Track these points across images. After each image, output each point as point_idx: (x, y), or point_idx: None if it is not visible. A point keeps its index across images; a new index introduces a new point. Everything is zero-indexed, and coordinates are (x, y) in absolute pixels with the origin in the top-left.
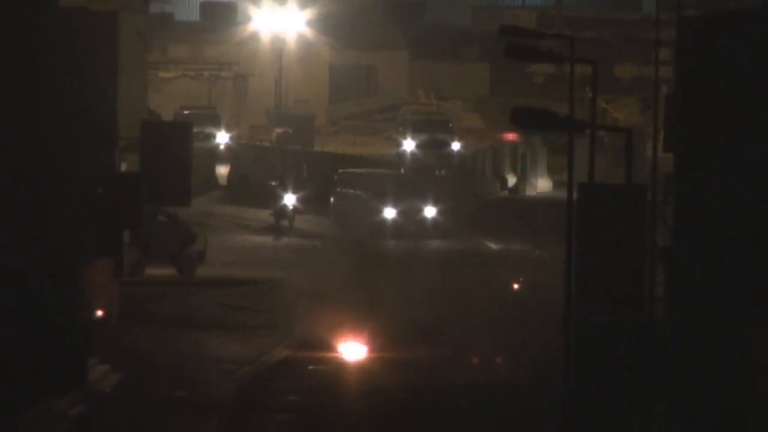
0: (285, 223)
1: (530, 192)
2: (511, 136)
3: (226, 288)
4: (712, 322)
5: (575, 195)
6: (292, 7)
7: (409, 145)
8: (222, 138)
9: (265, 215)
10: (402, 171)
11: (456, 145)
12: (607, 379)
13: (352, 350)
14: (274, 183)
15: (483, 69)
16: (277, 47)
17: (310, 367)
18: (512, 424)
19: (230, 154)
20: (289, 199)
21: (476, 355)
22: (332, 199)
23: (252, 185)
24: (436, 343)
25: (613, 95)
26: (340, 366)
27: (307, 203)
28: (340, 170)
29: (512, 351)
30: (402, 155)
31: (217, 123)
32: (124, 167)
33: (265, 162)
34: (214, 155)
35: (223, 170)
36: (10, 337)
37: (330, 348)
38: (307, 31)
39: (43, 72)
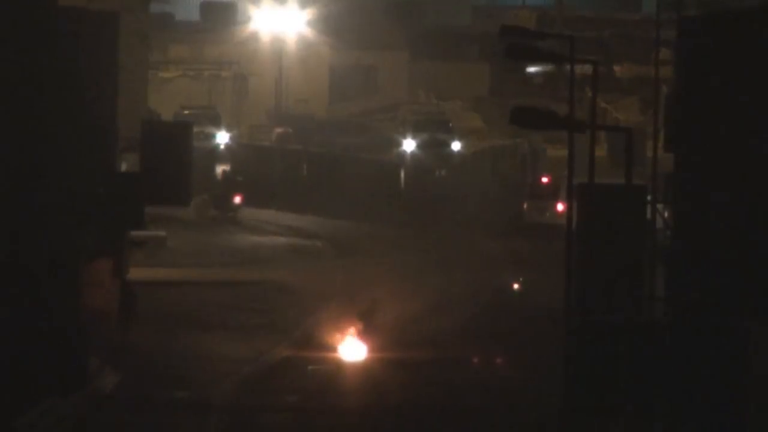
0: (231, 214)
1: None
2: None
3: (226, 288)
4: (712, 322)
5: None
6: (292, 7)
7: (409, 145)
8: (222, 138)
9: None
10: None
11: (456, 145)
12: (607, 379)
13: (352, 350)
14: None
15: (483, 69)
16: (277, 47)
17: (310, 367)
18: (511, 424)
19: (230, 154)
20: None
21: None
22: None
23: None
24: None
25: (613, 95)
26: (339, 366)
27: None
28: None
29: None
30: (402, 155)
31: (217, 123)
32: (124, 167)
33: (266, 162)
34: (214, 155)
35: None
36: (10, 337)
37: (330, 348)
38: (307, 31)
39: (43, 72)
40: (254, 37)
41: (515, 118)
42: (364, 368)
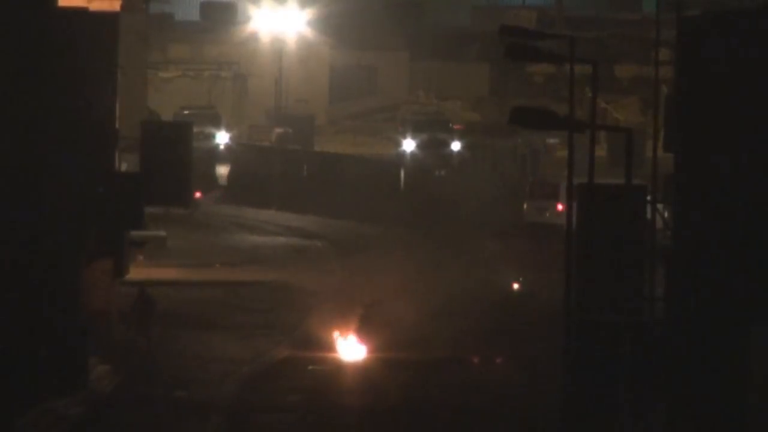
0: (189, 210)
1: None
2: None
3: (227, 288)
4: (712, 322)
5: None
6: (292, 7)
7: (409, 145)
8: (222, 138)
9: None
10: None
11: (456, 145)
12: (607, 378)
13: (352, 350)
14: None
15: (483, 69)
16: (277, 47)
17: (310, 367)
18: (511, 424)
19: (230, 154)
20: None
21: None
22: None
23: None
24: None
25: (613, 95)
26: (339, 366)
27: (307, 204)
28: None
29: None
30: (402, 155)
31: (217, 123)
32: (124, 167)
33: (266, 162)
34: (214, 155)
35: (223, 170)
36: (10, 337)
37: (330, 348)
38: (307, 31)
39: (44, 72)
40: (254, 37)
41: (515, 118)
42: (364, 368)
